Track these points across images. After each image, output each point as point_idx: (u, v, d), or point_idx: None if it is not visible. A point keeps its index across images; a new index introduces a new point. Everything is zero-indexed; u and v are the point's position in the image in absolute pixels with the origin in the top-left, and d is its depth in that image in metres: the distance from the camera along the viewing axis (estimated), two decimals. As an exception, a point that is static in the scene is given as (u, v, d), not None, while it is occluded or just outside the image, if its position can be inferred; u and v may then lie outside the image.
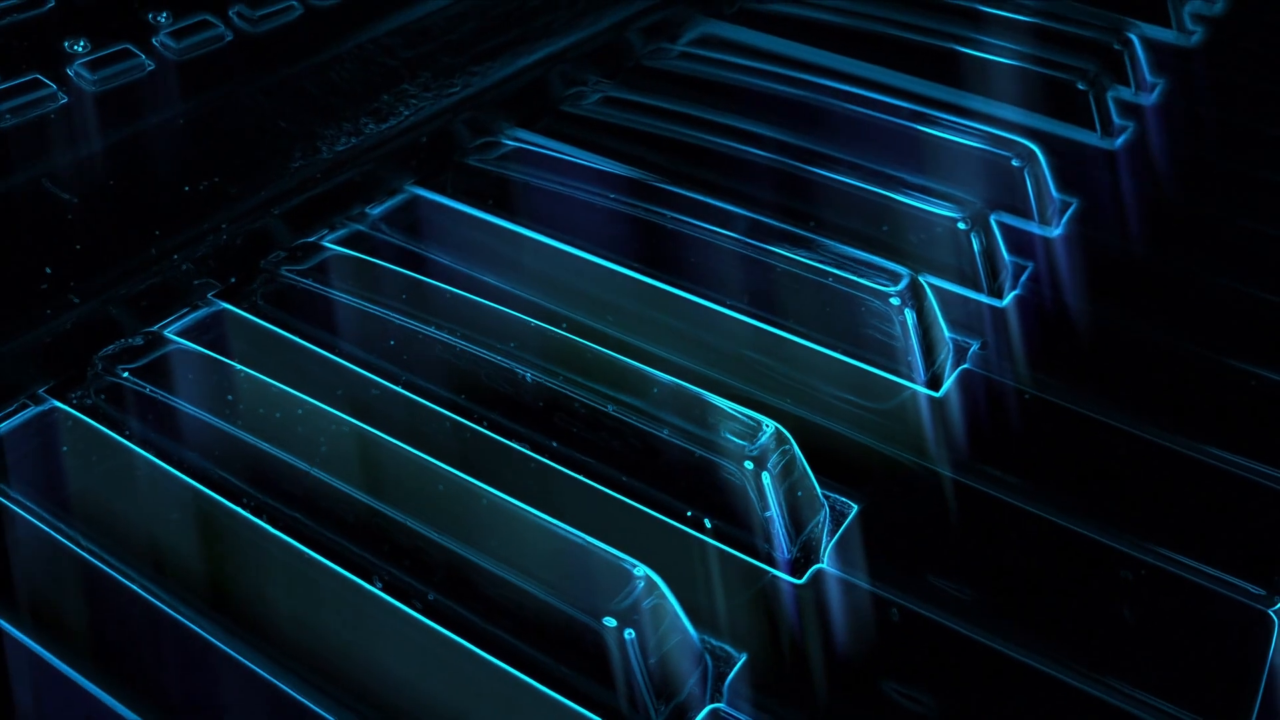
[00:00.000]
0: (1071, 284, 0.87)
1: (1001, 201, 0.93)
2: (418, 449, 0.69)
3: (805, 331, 0.78)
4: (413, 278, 0.77)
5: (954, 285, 0.84)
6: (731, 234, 0.81)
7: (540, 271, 0.84)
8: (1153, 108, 1.10)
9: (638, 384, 0.68)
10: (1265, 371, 0.79)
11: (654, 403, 0.67)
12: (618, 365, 0.70)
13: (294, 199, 0.82)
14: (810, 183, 0.90)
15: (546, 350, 0.71)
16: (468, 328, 0.74)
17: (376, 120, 0.87)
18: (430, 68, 0.92)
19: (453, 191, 0.91)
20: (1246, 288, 0.87)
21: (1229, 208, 0.97)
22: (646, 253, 0.83)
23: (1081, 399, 0.76)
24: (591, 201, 0.86)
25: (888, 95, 1.01)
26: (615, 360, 0.70)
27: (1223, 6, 1.27)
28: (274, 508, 0.66)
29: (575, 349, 0.71)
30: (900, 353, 0.76)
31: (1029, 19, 1.15)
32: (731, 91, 1.03)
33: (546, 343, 0.72)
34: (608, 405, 0.67)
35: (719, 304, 0.80)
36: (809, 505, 0.65)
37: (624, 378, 0.69)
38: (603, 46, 1.05)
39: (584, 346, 0.71)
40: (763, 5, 1.20)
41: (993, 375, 0.77)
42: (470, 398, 0.72)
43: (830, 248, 0.80)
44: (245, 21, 0.88)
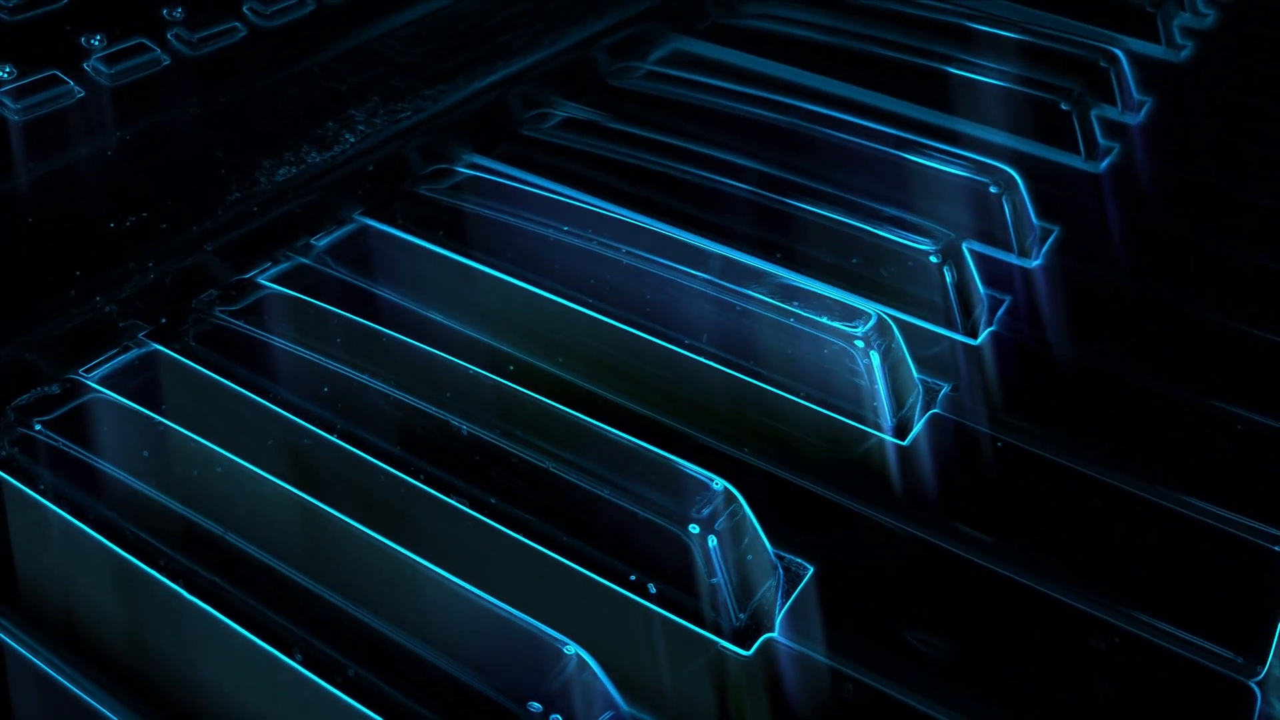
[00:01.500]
0: (1050, 319, 0.83)
1: (980, 230, 0.89)
2: (350, 503, 0.66)
3: (767, 374, 0.74)
4: (349, 320, 0.73)
5: (926, 322, 0.79)
6: (692, 270, 0.77)
7: (490, 308, 0.80)
8: (1140, 127, 1.06)
9: (580, 438, 0.64)
10: (1252, 414, 0.75)
11: (596, 458, 0.63)
12: (560, 417, 0.65)
13: (230, 233, 0.78)
14: (779, 213, 0.85)
15: (487, 400, 0.67)
16: (405, 374, 0.70)
17: (320, 148, 0.83)
18: (380, 92, 0.88)
19: (402, 222, 0.87)
20: (1235, 322, 0.83)
21: (1218, 234, 0.93)
22: (602, 289, 0.79)
23: (1058, 446, 0.72)
24: (546, 234, 0.82)
25: (865, 117, 0.97)
26: (557, 412, 0.66)
27: (1213, 20, 1.23)
28: (191, 571, 0.62)
29: (517, 399, 0.67)
30: (865, 398, 0.72)
31: (1013, 35, 1.11)
32: (701, 113, 0.99)
33: (487, 392, 0.67)
34: (547, 461, 0.63)
35: (676, 344, 0.76)
36: (759, 569, 0.61)
37: (566, 431, 0.65)
38: (566, 66, 1.01)
39: (526, 397, 0.67)
40: (736, 21, 1.16)
41: (965, 421, 0.73)
42: (407, 449, 0.68)
43: (795, 284, 0.76)
44: (184, 44, 0.84)
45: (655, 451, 0.63)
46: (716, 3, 1.17)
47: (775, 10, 1.17)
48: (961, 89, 1.04)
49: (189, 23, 0.85)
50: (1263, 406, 0.75)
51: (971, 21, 1.13)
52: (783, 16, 1.15)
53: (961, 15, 1.14)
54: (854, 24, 1.13)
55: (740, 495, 0.61)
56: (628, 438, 0.64)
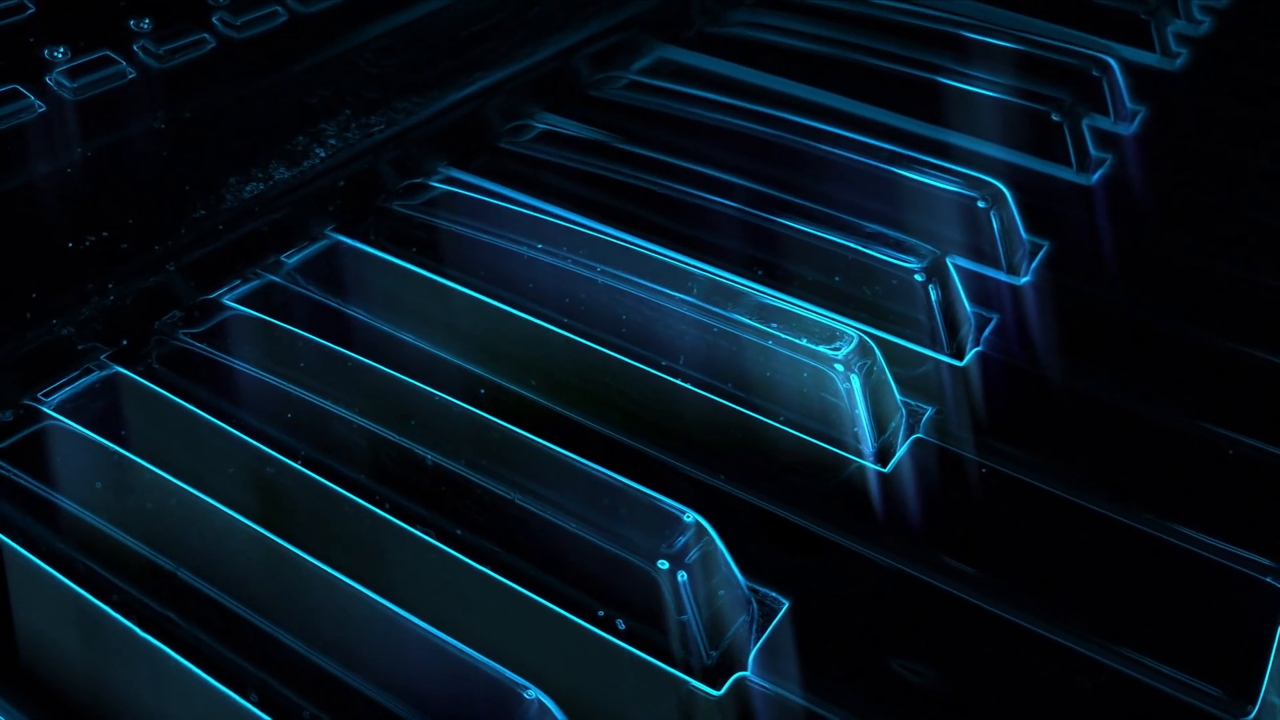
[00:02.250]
0: (1039, 339, 0.81)
1: (968, 246, 0.86)
2: (314, 533, 0.64)
3: (744, 397, 0.72)
4: (315, 343, 0.71)
5: (910, 342, 0.77)
6: (669, 290, 0.75)
7: (463, 328, 0.78)
8: (1133, 137, 1.04)
9: (548, 467, 0.62)
10: (1245, 438, 0.73)
11: (564, 490, 0.61)
12: (527, 446, 0.63)
13: (194, 252, 0.76)
14: (761, 229, 0.83)
15: (453, 428, 0.65)
16: (371, 400, 0.68)
17: (289, 164, 0.81)
18: (352, 104, 0.86)
19: (375, 238, 0.85)
20: (1228, 341, 0.81)
21: (1212, 249, 0.90)
22: (577, 309, 0.77)
23: (1046, 473, 0.69)
24: (520, 252, 0.79)
25: (852, 129, 0.95)
26: (525, 441, 0.64)
27: (1209, 27, 1.21)
28: (144, 606, 0.60)
29: (483, 427, 0.65)
30: (846, 422, 0.69)
31: (1004, 44, 1.09)
32: (684, 125, 0.97)
33: (453, 419, 0.65)
34: (513, 493, 0.61)
35: (652, 366, 0.74)
36: (732, 604, 0.59)
37: (533, 460, 0.63)
38: (546, 76, 0.99)
39: (492, 425, 0.64)
40: (722, 29, 1.14)
41: (949, 446, 0.71)
42: (372, 478, 0.66)
43: (774, 304, 0.74)
44: (151, 57, 0.82)
45: (624, 483, 0.61)
46: (702, 10, 1.15)
47: (762, 18, 1.14)
48: (951, 99, 1.02)
49: (156, 35, 0.83)
50: (1256, 430, 0.73)
51: (962, 30, 1.11)
52: (770, 25, 1.13)
53: (952, 23, 1.12)
54: (842, 32, 1.11)
55: (711, 528, 0.59)
56: (597, 468, 0.62)
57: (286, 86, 0.85)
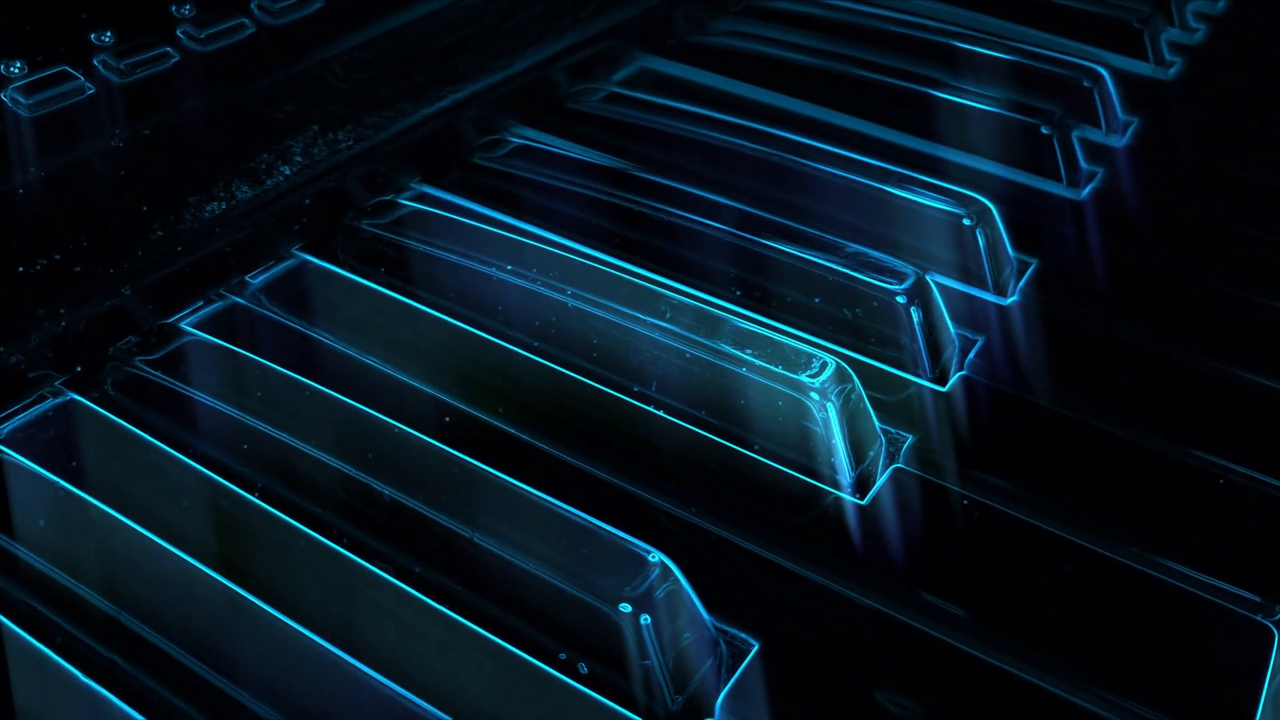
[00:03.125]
0: (1025, 362, 0.78)
1: (954, 265, 0.84)
2: (271, 568, 0.61)
3: (718, 425, 0.70)
4: (272, 371, 0.69)
5: (891, 366, 0.75)
6: (640, 315, 0.72)
7: (430, 352, 0.75)
8: (1125, 150, 1.02)
9: (508, 503, 0.60)
10: (1238, 467, 0.70)
11: (524, 527, 0.58)
12: (488, 482, 0.61)
13: (151, 275, 0.74)
14: (739, 249, 0.81)
15: (411, 461, 0.63)
16: (328, 432, 0.65)
17: (253, 182, 0.79)
18: (319, 120, 0.84)
19: (343, 258, 0.82)
20: (1221, 363, 0.78)
21: (1205, 266, 0.88)
22: (547, 332, 0.75)
23: (1031, 505, 0.67)
24: (490, 273, 0.77)
25: (838, 144, 0.93)
26: (484, 476, 0.61)
27: (1204, 35, 1.18)
28: (87, 648, 0.57)
29: (444, 460, 0.62)
30: (822, 451, 0.67)
31: (994, 54, 1.06)
32: (664, 140, 0.95)
33: (412, 452, 0.63)
34: (471, 531, 0.58)
35: (623, 392, 0.71)
36: (698, 647, 0.57)
37: (493, 496, 0.60)
38: (522, 88, 0.96)
39: (452, 459, 0.62)
40: (706, 39, 1.11)
41: (931, 476, 0.69)
42: (330, 512, 0.64)
43: (750, 329, 0.71)
44: (112, 72, 0.80)
45: (587, 521, 0.58)
46: (686, 19, 1.12)
47: (747, 28, 1.12)
48: (940, 112, 0.99)
49: (118, 49, 0.81)
50: (1248, 459, 0.70)
51: (951, 40, 1.08)
52: (754, 34, 1.11)
53: (941, 33, 1.09)
54: (828, 43, 1.08)
55: (677, 569, 0.57)
56: (560, 505, 0.59)
57: (252, 102, 0.82)
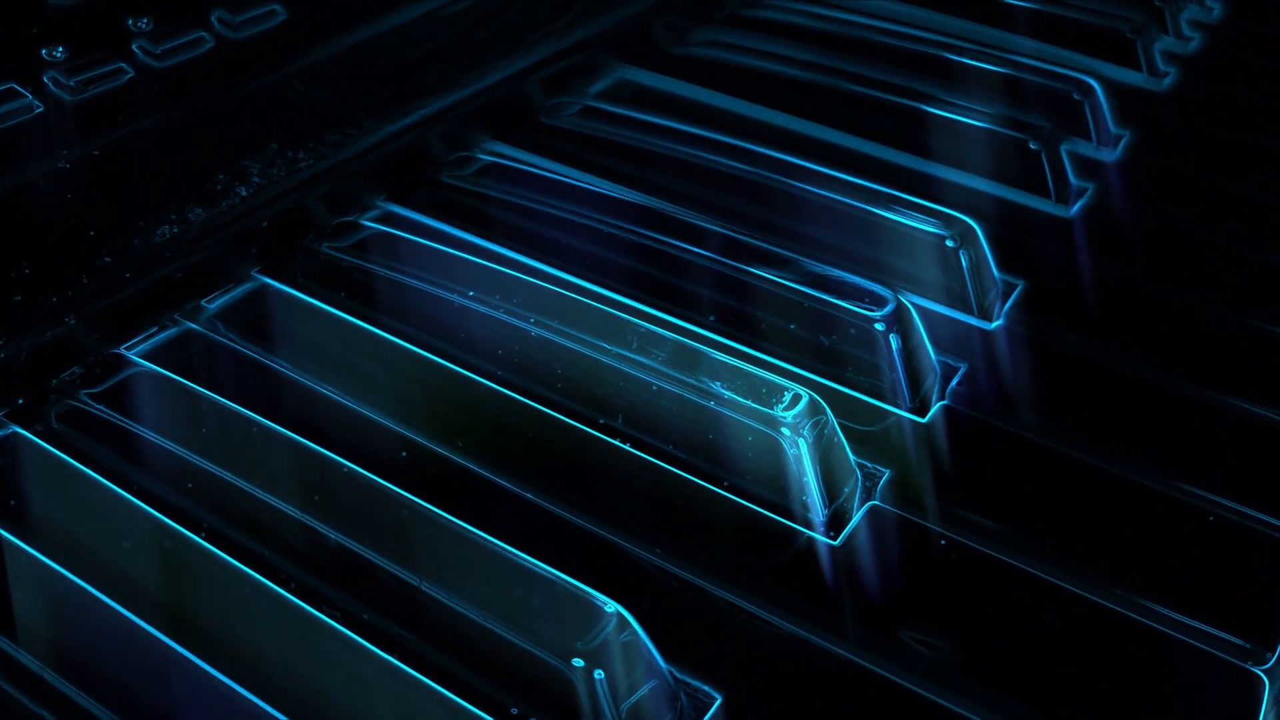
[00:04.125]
0: (1010, 390, 0.75)
1: (937, 288, 0.81)
2: (216, 612, 0.59)
3: (686, 460, 0.67)
4: (220, 405, 0.66)
5: (869, 396, 0.72)
6: (606, 344, 0.69)
7: (389, 382, 0.73)
8: (1116, 164, 0.98)
9: (459, 549, 0.57)
10: (1228, 501, 0.67)
11: (475, 575, 0.56)
12: (438, 526, 0.58)
13: (99, 302, 0.71)
14: (714, 272, 0.78)
15: (359, 504, 0.60)
16: (275, 471, 0.62)
17: (207, 204, 0.76)
18: (279, 137, 0.81)
19: (303, 282, 0.80)
20: (1212, 392, 0.75)
21: (1197, 288, 0.85)
22: (510, 361, 0.72)
23: (1014, 545, 0.64)
24: (452, 300, 0.74)
25: (818, 160, 0.89)
26: (435, 520, 0.58)
27: (1199, 44, 1.15)
28: (13, 700, 0.55)
29: (393, 503, 0.59)
30: (793, 490, 0.64)
31: (981, 65, 1.03)
32: (640, 156, 0.92)
33: (360, 494, 0.60)
34: (418, 579, 0.56)
35: (588, 425, 0.68)
36: (657, 701, 0.54)
37: (444, 542, 0.57)
38: (494, 103, 0.93)
39: (402, 501, 0.59)
40: (687, 50, 1.08)
41: (909, 515, 0.66)
42: (277, 553, 0.61)
43: (720, 358, 0.68)
44: (62, 89, 0.77)
45: (541, 569, 0.56)
46: (666, 28, 1.10)
47: (729, 38, 1.09)
48: (927, 126, 0.96)
49: (69, 64, 0.78)
50: (1240, 493, 0.67)
51: (939, 50, 1.05)
52: (737, 45, 1.08)
53: (928, 44, 1.06)
54: (813, 54, 1.05)
55: (634, 620, 0.54)
56: (512, 551, 0.56)
57: (208, 120, 0.80)
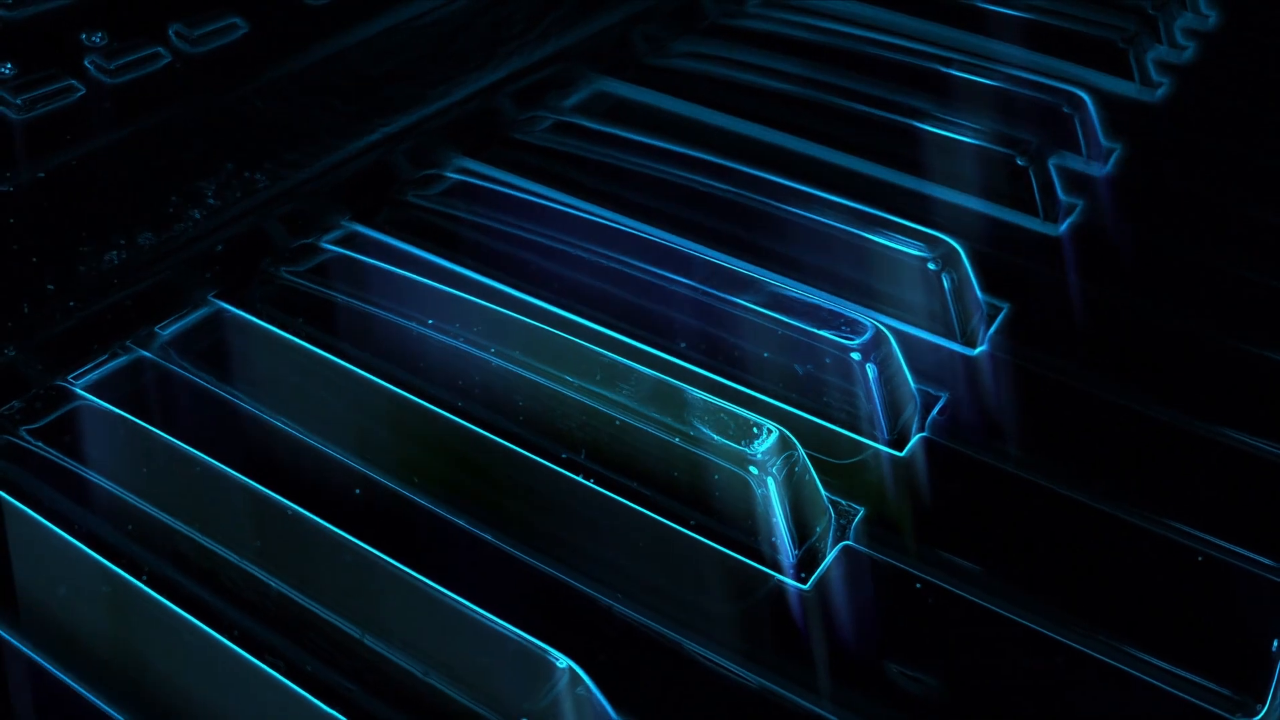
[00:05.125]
0: (992, 421, 0.72)
1: (921, 311, 0.78)
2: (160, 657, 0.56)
3: (650, 498, 0.64)
4: (162, 441, 0.63)
5: (844, 429, 0.69)
6: (568, 376, 0.66)
7: (345, 414, 0.70)
8: (1106, 179, 0.96)
9: (404, 600, 0.54)
10: (1219, 540, 0.64)
11: (420, 627, 0.53)
12: (384, 574, 0.55)
13: (41, 332, 0.68)
14: (685, 298, 0.75)
15: (302, 550, 0.57)
16: (217, 512, 0.59)
17: (158, 228, 0.73)
18: (235, 157, 0.78)
19: (260, 307, 0.77)
20: (1206, 424, 0.72)
21: (1188, 311, 0.82)
22: (472, 391, 0.69)
23: (994, 590, 0.61)
24: (411, 328, 0.71)
25: (802, 176, 0.86)
26: (382, 568, 0.55)
27: (1193, 53, 1.12)
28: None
29: (338, 548, 0.57)
30: (761, 530, 0.61)
31: (967, 76, 1.00)
32: (611, 173, 0.89)
33: (303, 539, 0.57)
34: (363, 634, 0.53)
35: (550, 460, 0.65)
36: (614, 766, 0.51)
37: (389, 591, 0.54)
38: (464, 118, 0.90)
39: (347, 546, 0.56)
40: (666, 61, 1.06)
41: (884, 556, 0.63)
42: (221, 600, 0.58)
43: (685, 391, 0.65)
44: (9, 108, 0.74)
45: (491, 621, 0.53)
46: (645, 38, 1.07)
47: (709, 49, 1.06)
48: (911, 140, 0.93)
49: (17, 82, 0.75)
50: (1231, 533, 0.64)
51: (925, 61, 1.02)
52: (718, 56, 1.05)
53: (915, 54, 1.03)
54: (796, 66, 1.02)
55: (587, 676, 0.51)
56: (460, 602, 0.53)
57: (162, 139, 0.77)
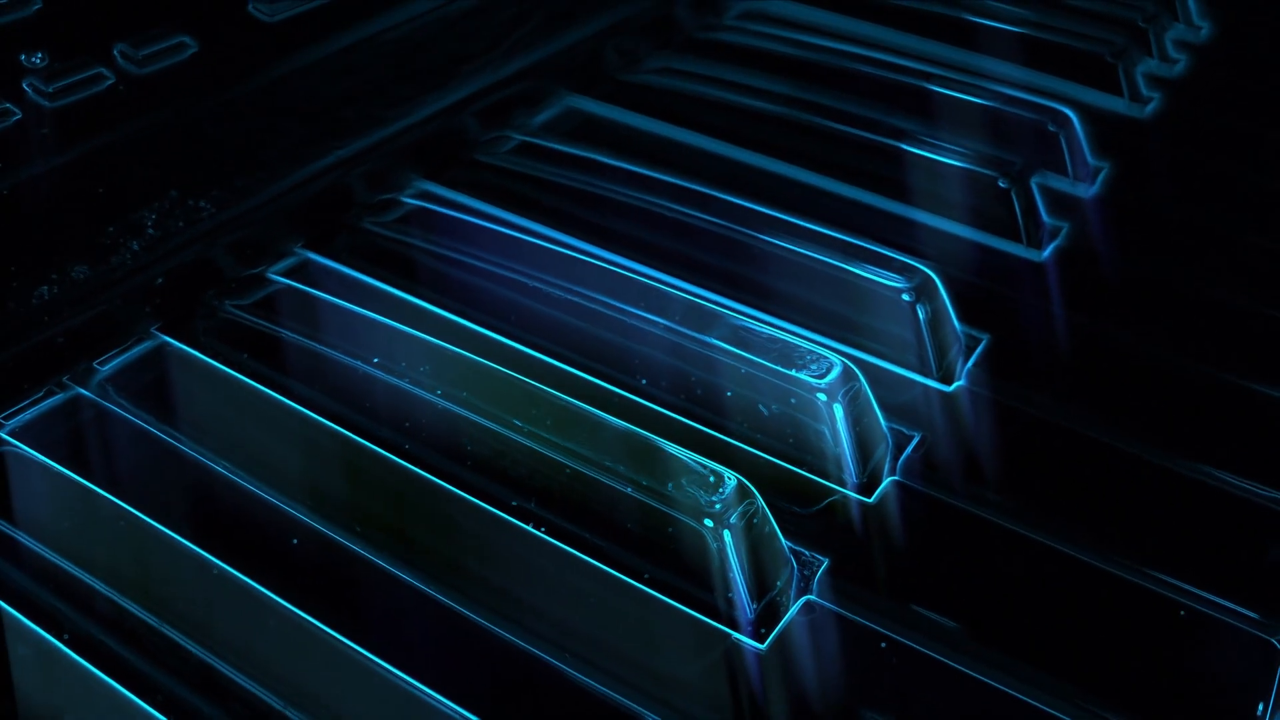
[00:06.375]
0: (969, 463, 0.69)
1: (896, 344, 0.74)
2: None
3: (605, 549, 0.60)
4: (85, 491, 0.60)
5: (812, 474, 0.66)
6: (518, 420, 0.63)
7: (287, 455, 0.66)
8: (1093, 200, 0.92)
9: (325, 665, 0.51)
10: (1203, 592, 0.61)
11: (342, 698, 0.49)
12: (313, 640, 0.52)
13: (-35, 372, 0.65)
14: (645, 333, 0.71)
15: (225, 609, 0.54)
16: (139, 570, 0.56)
17: (93, 261, 0.70)
18: (179, 184, 0.74)
19: (204, 340, 0.73)
20: (1191, 464, 0.68)
21: (1178, 341, 0.78)
22: (419, 433, 0.66)
23: (965, 650, 0.58)
24: (356, 366, 0.68)
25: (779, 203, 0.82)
26: (311, 632, 0.52)
27: (1184, 66, 1.09)
28: None
29: (262, 608, 0.53)
30: (718, 586, 0.58)
31: (950, 93, 0.97)
32: (579, 197, 0.85)
33: (228, 597, 0.54)
34: (284, 705, 0.49)
35: (499, 508, 0.62)
36: None
37: (316, 659, 0.51)
38: (425, 139, 0.87)
39: (272, 608, 0.53)
40: (639, 77, 1.02)
41: (847, 611, 0.59)
42: (143, 660, 0.55)
43: (641, 436, 0.62)
44: (-60, 133, 0.71)
45: (423, 693, 0.49)
46: (618, 52, 1.03)
47: (684, 65, 1.03)
48: (889, 161, 0.90)
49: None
50: (1215, 584, 0.61)
51: (906, 77, 0.99)
52: (692, 73, 1.01)
53: (895, 70, 1.00)
54: (773, 83, 0.99)
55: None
56: (385, 667, 0.50)
57: (100, 165, 0.73)
